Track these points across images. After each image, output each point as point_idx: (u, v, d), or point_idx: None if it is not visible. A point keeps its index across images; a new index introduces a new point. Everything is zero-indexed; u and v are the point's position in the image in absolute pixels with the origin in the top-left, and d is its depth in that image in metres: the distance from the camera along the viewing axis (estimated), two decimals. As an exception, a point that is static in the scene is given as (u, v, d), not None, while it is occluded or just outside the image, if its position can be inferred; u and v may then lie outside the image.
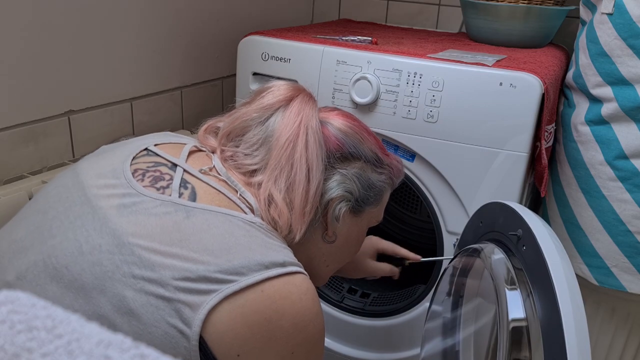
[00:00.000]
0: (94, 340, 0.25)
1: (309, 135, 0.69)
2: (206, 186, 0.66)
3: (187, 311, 0.55)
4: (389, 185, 0.80)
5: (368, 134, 0.77)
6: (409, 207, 1.59)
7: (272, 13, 1.52)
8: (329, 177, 0.71)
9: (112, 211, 0.60)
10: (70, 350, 0.25)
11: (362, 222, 0.79)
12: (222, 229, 0.60)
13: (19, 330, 0.26)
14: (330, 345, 1.28)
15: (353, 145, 0.73)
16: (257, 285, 0.57)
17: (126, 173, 0.65)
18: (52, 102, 0.97)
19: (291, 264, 0.61)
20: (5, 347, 0.25)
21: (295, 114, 0.70)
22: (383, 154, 0.78)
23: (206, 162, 0.70)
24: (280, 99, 0.72)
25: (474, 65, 1.01)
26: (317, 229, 0.73)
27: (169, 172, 0.66)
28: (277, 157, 0.68)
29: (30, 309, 0.27)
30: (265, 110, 0.71)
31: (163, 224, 0.59)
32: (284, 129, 0.69)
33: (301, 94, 0.73)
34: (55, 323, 0.26)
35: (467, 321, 0.96)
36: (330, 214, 0.72)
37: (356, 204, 0.74)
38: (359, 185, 0.73)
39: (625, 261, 1.09)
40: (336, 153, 0.72)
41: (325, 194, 0.71)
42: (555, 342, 0.61)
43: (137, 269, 0.56)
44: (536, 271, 0.68)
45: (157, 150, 0.70)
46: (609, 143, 1.07)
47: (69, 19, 0.96)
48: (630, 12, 1.01)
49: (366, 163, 0.74)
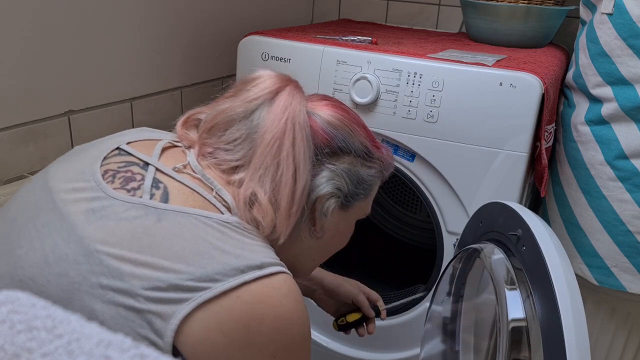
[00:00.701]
0: (94, 340, 0.25)
1: (297, 132, 0.65)
2: (179, 185, 0.63)
3: (159, 322, 0.53)
4: (379, 179, 0.76)
5: (358, 126, 0.72)
6: (409, 207, 1.59)
7: (272, 13, 1.52)
8: (317, 173, 0.67)
9: (80, 217, 0.58)
10: (70, 350, 0.25)
11: (350, 216, 0.75)
12: (194, 232, 0.57)
13: (19, 330, 0.26)
14: (331, 345, 1.28)
15: (342, 139, 0.69)
16: (233, 291, 0.55)
17: (95, 175, 0.62)
18: (52, 102, 0.97)
19: (270, 264, 0.58)
20: (5, 347, 0.25)
21: (282, 108, 0.65)
22: (373, 146, 0.74)
23: (181, 158, 0.67)
24: (266, 92, 0.67)
25: (474, 65, 1.01)
26: (305, 225, 0.70)
27: (141, 172, 0.63)
28: (262, 155, 0.64)
29: (30, 309, 0.27)
30: (250, 104, 0.67)
31: (133, 229, 0.57)
32: (269, 125, 0.65)
33: (289, 86, 0.68)
34: (55, 323, 0.26)
35: (467, 321, 0.96)
36: (319, 211, 0.69)
37: (345, 200, 0.71)
38: (348, 181, 0.70)
39: (625, 261, 1.09)
40: (325, 148, 0.68)
41: (313, 191, 0.67)
42: (555, 342, 0.61)
43: (105, 279, 0.54)
44: (536, 271, 0.68)
45: (129, 149, 0.66)
46: (609, 143, 1.07)
47: (69, 19, 0.96)
48: (630, 12, 1.01)
49: (356, 157, 0.70)
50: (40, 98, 0.94)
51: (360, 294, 0.97)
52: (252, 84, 0.69)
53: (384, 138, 1.08)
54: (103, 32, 1.03)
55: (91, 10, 1.00)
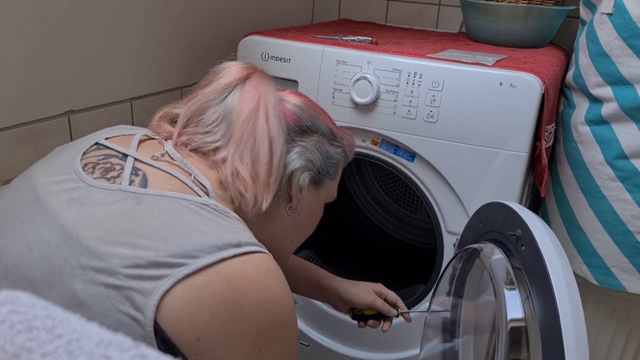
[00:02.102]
0: (94, 340, 0.25)
1: (269, 109, 0.71)
2: (158, 171, 0.65)
3: (139, 298, 0.54)
4: (344, 159, 0.83)
5: (321, 111, 0.80)
6: (409, 207, 1.59)
7: (272, 13, 1.52)
8: (290, 150, 0.73)
9: (61, 206, 0.60)
10: (70, 350, 0.25)
11: (321, 196, 0.81)
12: (173, 213, 0.59)
13: (19, 330, 0.26)
14: (331, 345, 1.29)
15: (309, 119, 0.76)
16: (211, 266, 0.56)
17: (76, 167, 0.64)
18: (52, 102, 0.97)
19: (248, 244, 0.60)
20: (5, 347, 0.25)
21: (253, 90, 0.72)
22: (336, 129, 0.81)
23: (158, 148, 0.70)
24: (237, 77, 0.73)
25: (474, 65, 1.01)
26: (282, 202, 0.75)
27: (120, 162, 0.66)
28: (239, 131, 0.69)
29: (30, 309, 0.27)
30: (223, 90, 0.72)
31: (113, 212, 0.59)
32: (243, 105, 0.70)
33: (257, 72, 0.75)
34: (55, 323, 0.26)
35: (467, 321, 0.96)
36: (295, 185, 0.74)
37: (317, 175, 0.77)
38: (319, 156, 0.76)
39: (625, 261, 1.09)
40: (295, 127, 0.74)
41: (288, 165, 0.73)
42: (554, 342, 0.62)
43: (85, 260, 0.56)
44: (535, 271, 0.68)
45: (108, 144, 0.69)
46: (609, 143, 1.07)
47: (69, 19, 0.96)
48: (630, 12, 1.01)
49: (323, 136, 0.77)
50: (40, 98, 0.94)
51: (377, 300, 1.00)
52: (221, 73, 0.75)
53: (384, 138, 1.09)
54: (103, 32, 1.03)
55: (91, 10, 1.00)
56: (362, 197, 1.61)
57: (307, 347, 1.31)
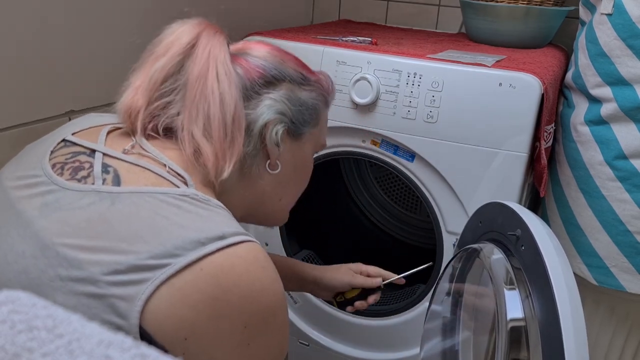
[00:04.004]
0: (95, 340, 0.25)
1: (219, 67, 0.67)
2: (129, 166, 0.62)
3: (122, 305, 0.52)
4: (323, 103, 0.78)
5: (288, 55, 0.76)
6: (409, 207, 1.59)
7: (272, 13, 1.52)
8: (258, 105, 0.69)
9: (34, 213, 0.58)
10: (70, 350, 0.25)
11: (305, 147, 0.77)
12: (150, 210, 0.57)
13: (20, 330, 0.26)
14: (331, 345, 1.29)
15: (274, 67, 0.72)
16: (195, 264, 0.54)
17: (46, 169, 0.62)
18: (52, 102, 0.97)
19: (233, 234, 0.57)
20: (5, 347, 0.25)
21: (202, 50, 0.68)
22: (308, 72, 0.76)
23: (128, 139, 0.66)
24: (187, 41, 0.69)
25: (474, 65, 1.01)
26: (260, 162, 0.71)
27: (88, 160, 0.63)
28: (191, 95, 0.65)
29: (31, 309, 0.27)
30: (176, 58, 0.68)
31: (88, 216, 0.56)
32: (194, 67, 0.66)
33: (206, 29, 0.71)
34: (55, 323, 0.27)
35: (467, 321, 0.96)
36: (268, 140, 0.70)
37: (292, 126, 0.73)
38: (290, 105, 0.72)
39: (625, 261, 1.09)
40: (259, 80, 0.70)
41: (257, 121, 0.69)
42: (553, 342, 0.62)
43: (63, 270, 0.54)
44: (535, 271, 0.68)
45: (75, 139, 0.66)
46: (609, 143, 1.07)
47: (69, 18, 0.96)
48: (630, 12, 1.01)
49: (292, 83, 0.73)
50: (40, 98, 0.95)
51: (355, 277, 1.00)
52: (172, 42, 0.69)
53: (384, 138, 1.09)
54: (103, 32, 1.03)
55: (91, 10, 1.00)
56: (362, 197, 1.61)
57: (307, 346, 1.31)
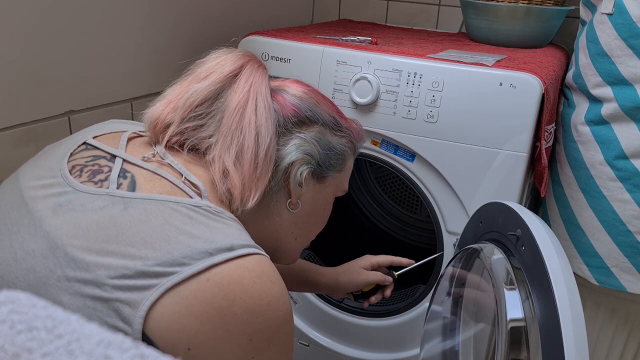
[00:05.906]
0: (94, 340, 0.25)
1: (259, 100, 0.67)
2: (147, 173, 0.62)
3: (127, 310, 0.53)
4: (351, 150, 0.78)
5: (324, 99, 0.76)
6: (409, 207, 1.59)
7: (272, 13, 1.52)
8: (287, 142, 0.70)
9: (47, 213, 0.58)
10: (70, 350, 0.25)
11: (327, 190, 0.77)
12: (161, 218, 0.57)
13: (19, 330, 0.26)
14: (331, 345, 1.29)
15: (309, 109, 0.72)
16: (202, 273, 0.54)
17: (63, 171, 0.62)
18: (52, 102, 0.97)
19: (241, 246, 0.57)
20: (5, 347, 0.25)
21: (244, 80, 0.68)
22: (341, 117, 0.76)
23: (148, 147, 0.67)
24: (230, 69, 0.69)
25: (474, 65, 1.01)
26: (281, 198, 0.71)
27: (108, 164, 0.63)
28: (227, 123, 0.66)
29: (31, 309, 0.27)
30: (217, 84, 0.68)
31: (99, 219, 0.57)
32: (234, 96, 0.67)
33: (251, 61, 0.71)
34: (55, 323, 0.27)
35: (467, 321, 0.96)
36: (292, 179, 0.70)
37: (318, 168, 0.72)
38: (319, 148, 0.72)
39: (625, 261, 1.09)
40: (293, 118, 0.70)
41: (284, 159, 0.69)
42: (554, 343, 0.62)
43: (71, 271, 0.54)
44: (535, 271, 0.68)
45: (96, 143, 0.67)
46: (609, 143, 1.07)
47: (69, 18, 0.96)
48: (630, 12, 1.01)
49: (324, 127, 0.73)
50: (40, 98, 0.95)
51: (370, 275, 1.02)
52: (214, 68, 0.70)
53: (384, 138, 1.09)
54: (103, 32, 1.03)
55: (91, 10, 1.00)
56: (362, 197, 1.61)
57: (307, 347, 1.31)
